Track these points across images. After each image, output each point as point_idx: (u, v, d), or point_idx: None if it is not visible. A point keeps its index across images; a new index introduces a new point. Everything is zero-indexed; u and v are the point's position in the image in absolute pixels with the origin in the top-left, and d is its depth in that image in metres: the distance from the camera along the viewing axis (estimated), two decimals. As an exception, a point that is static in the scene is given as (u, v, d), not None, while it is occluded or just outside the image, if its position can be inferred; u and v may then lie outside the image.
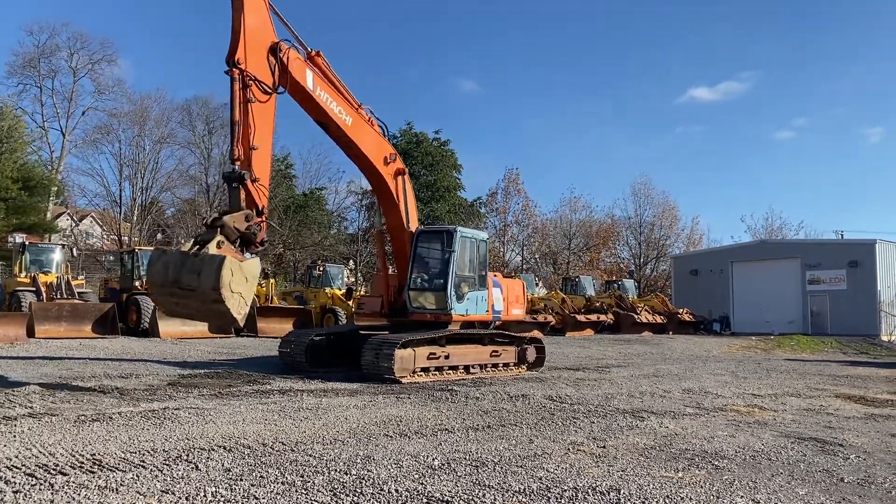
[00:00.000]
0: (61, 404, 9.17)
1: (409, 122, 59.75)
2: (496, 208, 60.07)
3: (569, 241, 60.42)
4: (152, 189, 51.77)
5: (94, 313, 21.41)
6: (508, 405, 10.13)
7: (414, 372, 12.53)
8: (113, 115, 51.22)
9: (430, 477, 5.87)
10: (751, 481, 6.08)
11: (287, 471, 5.92)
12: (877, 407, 11.35)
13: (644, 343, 27.03)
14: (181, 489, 5.28)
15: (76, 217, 57.90)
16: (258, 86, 10.61)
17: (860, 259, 35.63)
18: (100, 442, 6.85)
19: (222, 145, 52.74)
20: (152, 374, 12.66)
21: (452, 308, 13.35)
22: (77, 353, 16.32)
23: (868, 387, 14.39)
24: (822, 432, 8.72)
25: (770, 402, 11.51)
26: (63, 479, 5.44)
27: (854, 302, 35.01)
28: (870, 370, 18.83)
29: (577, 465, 6.44)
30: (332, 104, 12.46)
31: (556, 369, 15.89)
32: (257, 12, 10.81)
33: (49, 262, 24.93)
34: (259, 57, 10.76)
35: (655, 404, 10.70)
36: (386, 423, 8.33)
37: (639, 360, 19.65)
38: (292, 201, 53.20)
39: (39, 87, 50.04)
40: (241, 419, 8.36)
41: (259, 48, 10.79)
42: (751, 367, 18.41)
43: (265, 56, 10.92)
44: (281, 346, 14.30)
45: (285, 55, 11.23)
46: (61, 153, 49.93)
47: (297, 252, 50.96)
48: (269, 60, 10.98)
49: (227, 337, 22.50)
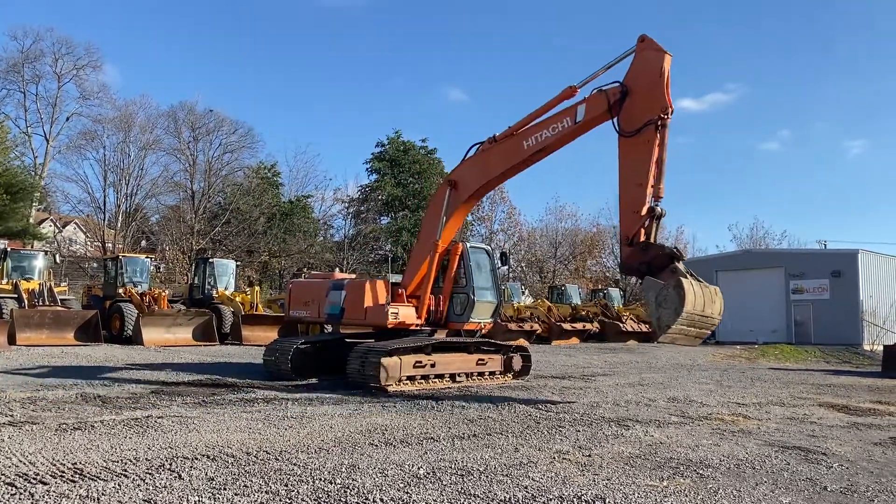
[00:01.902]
0: (42, 412, 9.06)
1: (397, 131, 59.87)
2: (482, 216, 60.18)
3: (555, 250, 60.60)
4: (137, 195, 51.42)
5: (77, 320, 21.21)
6: (494, 414, 10.12)
7: (400, 380, 12.48)
8: (97, 121, 50.89)
9: (415, 486, 5.85)
10: (735, 490, 6.11)
11: (271, 480, 5.87)
12: (859, 416, 11.43)
13: (629, 352, 27.12)
14: (164, 498, 5.23)
15: (59, 223, 57.37)
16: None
17: (843, 269, 35.93)
18: (81, 451, 6.77)
19: (207, 152, 52.67)
20: (135, 382, 12.55)
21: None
22: (59, 360, 16.14)
23: (851, 396, 14.49)
24: (805, 441, 8.77)
25: (754, 410, 11.57)
26: (44, 489, 5.38)
27: (837, 311, 35.28)
28: (853, 379, 18.98)
29: (562, 474, 6.44)
30: None
31: (541, 378, 15.90)
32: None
33: (31, 269, 24.69)
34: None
35: (641, 413, 10.73)
36: (371, 432, 8.29)
37: (624, 369, 19.70)
38: (278, 209, 53.02)
39: (23, 93, 49.67)
40: (225, 428, 8.30)
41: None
42: (735, 376, 18.51)
43: None
44: (266, 354, 14.22)
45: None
46: (45, 159, 49.50)
47: (283, 260, 50.75)
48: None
49: (211, 345, 22.34)
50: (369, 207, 58.22)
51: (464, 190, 13.51)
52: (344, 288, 14.22)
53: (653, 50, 11.15)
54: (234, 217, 49.90)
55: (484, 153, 13.18)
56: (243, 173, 54.99)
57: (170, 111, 53.68)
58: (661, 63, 11.00)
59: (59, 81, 50.56)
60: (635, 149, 10.96)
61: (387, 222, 58.55)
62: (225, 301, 26.04)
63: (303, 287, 15.46)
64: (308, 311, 14.88)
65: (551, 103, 12.24)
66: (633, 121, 11.03)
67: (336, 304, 14.18)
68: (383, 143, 59.11)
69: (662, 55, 11.06)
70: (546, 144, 12.27)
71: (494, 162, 13.00)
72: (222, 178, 53.34)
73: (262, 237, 50.40)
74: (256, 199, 51.51)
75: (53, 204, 54.48)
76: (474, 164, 13.34)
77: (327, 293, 14.44)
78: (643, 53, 11.23)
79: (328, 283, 14.70)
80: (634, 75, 11.29)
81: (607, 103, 11.36)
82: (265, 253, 50.45)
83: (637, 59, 11.29)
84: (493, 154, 12.99)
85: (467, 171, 13.50)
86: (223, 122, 53.64)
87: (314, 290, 14.89)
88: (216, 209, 51.89)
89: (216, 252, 44.69)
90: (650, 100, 10.96)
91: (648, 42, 11.25)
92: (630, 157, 11.05)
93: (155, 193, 52.63)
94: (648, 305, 10.86)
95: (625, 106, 11.17)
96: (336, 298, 14.23)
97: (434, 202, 14.29)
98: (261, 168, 56.92)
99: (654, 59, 11.08)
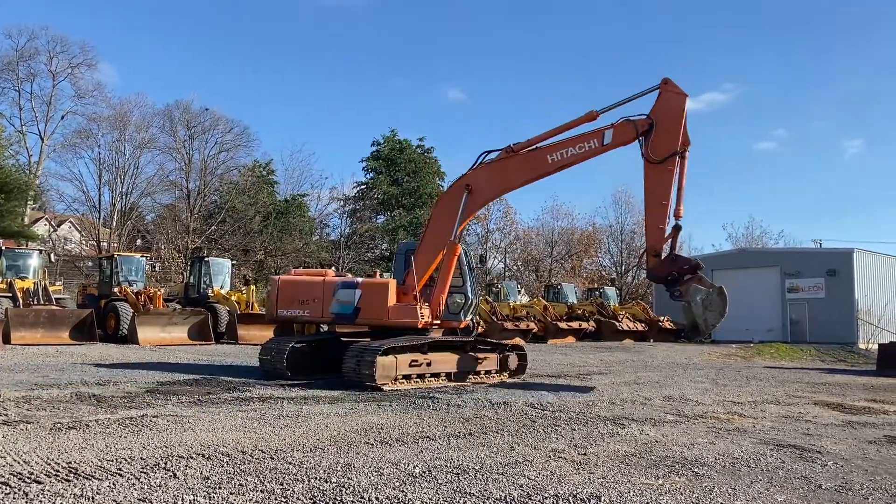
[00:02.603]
0: (37, 412, 9.03)
1: (393, 130, 59.80)
2: (477, 215, 60.10)
3: (551, 249, 60.65)
4: (132, 194, 51.24)
5: (72, 319, 21.16)
6: (490, 412, 10.12)
7: (395, 379, 12.48)
8: (92, 120, 50.68)
9: (410, 485, 5.84)
10: (730, 488, 6.12)
11: (266, 479, 5.86)
12: (854, 414, 11.47)
13: (625, 350, 27.15)
14: (159, 497, 5.21)
15: (54, 222, 57.19)
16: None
17: (838, 267, 36.05)
18: (76, 450, 6.75)
19: (203, 151, 52.58)
20: (130, 382, 12.51)
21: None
22: (54, 359, 16.10)
23: (846, 394, 14.54)
24: (800, 439, 8.79)
25: (750, 409, 11.59)
26: (38, 488, 5.36)
27: (832, 310, 35.39)
28: (847, 378, 19.04)
29: (558, 473, 6.44)
30: None
31: (537, 376, 15.91)
32: None
33: (26, 268, 24.62)
34: None
35: (636, 411, 10.74)
36: (367, 431, 8.29)
37: (620, 368, 19.72)
38: (273, 207, 52.94)
39: (18, 91, 49.50)
40: (221, 427, 8.28)
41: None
42: (731, 375, 18.55)
43: None
44: (261, 353, 14.19)
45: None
46: (40, 157, 49.33)
47: (279, 258, 50.65)
48: None
49: (206, 344, 22.31)
50: (365, 206, 58.19)
51: (479, 195, 14.10)
52: (358, 287, 13.88)
53: (674, 93, 12.93)
54: (230, 216, 49.82)
55: (503, 162, 13.74)
56: (238, 172, 54.93)
57: (165, 110, 53.59)
58: (683, 104, 12.92)
59: (53, 80, 50.44)
60: (661, 174, 12.75)
61: (383, 221, 58.53)
62: (220, 300, 26.02)
63: (295, 285, 14.42)
64: (305, 310, 14.12)
65: (572, 123, 13.48)
66: (658, 150, 12.75)
67: (349, 304, 13.77)
68: (379, 142, 59.08)
69: (683, 97, 12.92)
70: (570, 161, 13.44)
71: (516, 172, 13.85)
72: (218, 176, 53.29)
73: (258, 236, 50.30)
74: (252, 197, 51.45)
75: (48, 203, 54.30)
76: (493, 173, 13.90)
77: (334, 292, 13.90)
78: (666, 95, 12.94)
79: (335, 282, 14.13)
80: (659, 112, 12.94)
81: (635, 132, 12.95)
82: (261, 252, 50.39)
83: (661, 98, 12.97)
84: (514, 164, 13.71)
85: (485, 178, 13.94)
86: (219, 121, 53.60)
87: (312, 288, 14.20)
88: (212, 208, 51.82)
89: (212, 251, 44.60)
90: (674, 134, 12.73)
91: (671, 85, 12.95)
92: (656, 180, 12.83)
93: (150, 192, 52.53)
94: (693, 307, 12.54)
95: (652, 137, 12.81)
96: (348, 297, 13.79)
97: (448, 204, 14.22)
98: (256, 166, 56.84)
99: (676, 101, 12.91)
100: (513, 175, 13.90)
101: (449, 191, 14.06)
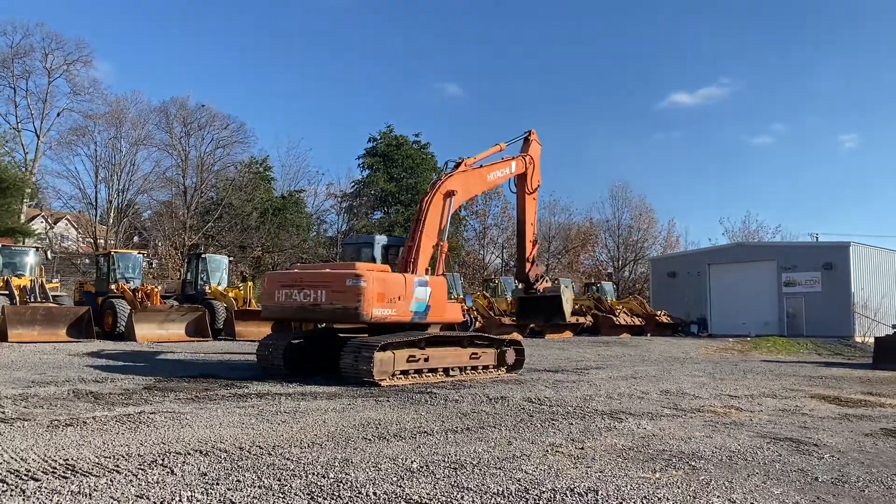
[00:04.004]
0: (34, 409, 9.02)
1: (389, 125, 59.61)
2: (476, 211, 60.14)
3: (548, 244, 60.61)
4: (129, 191, 51.15)
5: (69, 317, 21.11)
6: (487, 407, 10.13)
7: (393, 375, 12.48)
8: (88, 117, 50.52)
9: (408, 479, 5.85)
10: (727, 481, 6.13)
11: (264, 475, 5.87)
12: (851, 407, 11.50)
13: (622, 345, 27.18)
14: (156, 494, 5.21)
15: (51, 220, 57.07)
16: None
17: (835, 261, 36.10)
18: (73, 447, 6.75)
19: (199, 147, 52.49)
20: (128, 378, 12.50)
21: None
22: (51, 357, 16.08)
23: (842, 387, 14.58)
24: (797, 432, 8.81)
25: (746, 402, 11.62)
26: (35, 485, 5.35)
27: (829, 304, 35.46)
28: (844, 371, 19.09)
29: (555, 467, 6.45)
30: None
31: (535, 371, 15.93)
32: None
33: (23, 266, 24.53)
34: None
35: (633, 406, 10.76)
36: (365, 427, 8.29)
37: (617, 362, 19.76)
38: (270, 204, 52.86)
39: (13, 88, 49.27)
40: (218, 423, 8.28)
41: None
42: (728, 369, 18.58)
43: None
44: (259, 349, 14.18)
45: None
46: (35, 155, 49.17)
47: (276, 255, 50.59)
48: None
49: (204, 340, 22.28)
50: (362, 202, 58.09)
51: (460, 198, 15.62)
52: (428, 284, 13.56)
53: (537, 141, 17.18)
54: (227, 212, 49.74)
55: (468, 174, 15.56)
56: (235, 168, 54.83)
57: (161, 106, 53.48)
58: (540, 151, 17.32)
59: (49, 77, 50.20)
60: (532, 203, 17.23)
61: (380, 217, 58.45)
62: (218, 297, 25.98)
63: (385, 282, 12.97)
64: (395, 309, 12.93)
65: (489, 151, 16.40)
66: (533, 184, 17.01)
67: (423, 301, 13.42)
68: (375, 138, 58.96)
69: (540, 146, 17.30)
70: (499, 180, 16.99)
71: (475, 183, 16.30)
72: (214, 173, 53.19)
73: (255, 232, 50.23)
74: (249, 194, 51.36)
75: (45, 200, 54.14)
76: (465, 180, 15.54)
77: (413, 289, 13.26)
78: (534, 143, 17.09)
79: (413, 280, 13.39)
80: (532, 154, 16.95)
81: (524, 167, 16.73)
82: (258, 248, 50.31)
83: (532, 145, 17.05)
84: (473, 177, 15.88)
85: (461, 183, 15.28)
86: (215, 118, 53.48)
87: (398, 285, 13.12)
88: (208, 204, 51.73)
89: (209, 247, 44.55)
90: (539, 173, 17.24)
91: (535, 135, 17.11)
92: (529, 207, 17.12)
93: (147, 189, 52.45)
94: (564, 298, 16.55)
95: (529, 173, 16.84)
96: (423, 295, 13.38)
97: (433, 210, 14.37)
98: (252, 162, 56.73)
99: (538, 148, 17.21)
100: (474, 185, 16.30)
101: (436, 198, 14.35)
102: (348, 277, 12.66)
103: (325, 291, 12.74)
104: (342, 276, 12.81)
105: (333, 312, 12.80)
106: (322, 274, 13.36)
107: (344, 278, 12.68)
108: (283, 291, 13.28)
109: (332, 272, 13.28)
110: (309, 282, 13.06)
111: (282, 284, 13.48)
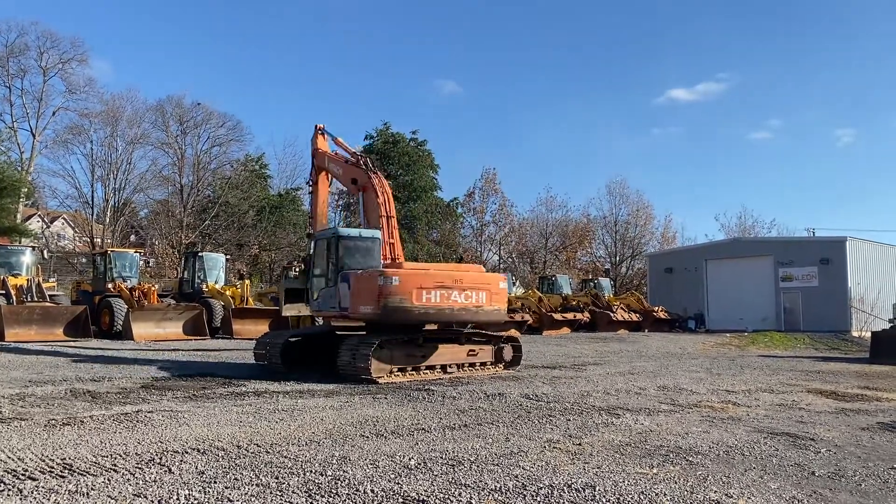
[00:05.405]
0: (31, 408, 9.02)
1: (386, 123, 59.53)
2: (473, 208, 60.12)
3: (545, 241, 60.64)
4: (125, 190, 51.00)
5: (66, 316, 21.06)
6: (485, 404, 10.14)
7: (391, 372, 12.48)
8: (84, 116, 50.30)
9: (406, 476, 5.85)
10: (724, 476, 6.15)
11: (262, 473, 5.87)
12: (847, 401, 11.53)
13: (620, 341, 27.21)
14: (154, 492, 5.21)
15: (47, 219, 56.91)
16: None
17: (831, 256, 36.12)
18: (71, 446, 6.74)
19: (195, 146, 52.34)
20: (125, 377, 12.49)
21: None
22: (48, 356, 16.05)
23: (839, 382, 14.61)
24: (794, 427, 8.83)
25: (743, 398, 11.64)
26: (32, 484, 5.35)
27: (825, 298, 35.48)
28: (841, 365, 19.14)
29: (553, 463, 6.46)
30: None
31: (532, 368, 15.94)
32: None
33: (19, 265, 24.44)
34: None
35: (631, 401, 10.78)
36: (362, 424, 8.30)
37: (615, 358, 19.78)
38: (267, 202, 52.79)
39: (8, 87, 49.05)
40: (216, 421, 8.28)
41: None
42: (725, 364, 18.62)
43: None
44: (256, 347, 14.19)
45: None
46: (31, 154, 49.01)
47: (273, 253, 50.56)
48: None
49: (201, 339, 22.25)
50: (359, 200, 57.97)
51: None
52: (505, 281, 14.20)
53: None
54: (224, 211, 49.67)
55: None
56: (231, 166, 54.74)
57: (157, 105, 53.23)
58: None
59: (44, 76, 49.96)
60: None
61: (377, 215, 58.27)
62: (215, 295, 25.93)
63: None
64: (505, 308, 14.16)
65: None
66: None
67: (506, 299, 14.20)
68: (372, 136, 58.89)
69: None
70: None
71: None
72: (211, 171, 53.08)
73: (252, 230, 50.18)
74: (245, 192, 51.29)
75: (41, 199, 53.95)
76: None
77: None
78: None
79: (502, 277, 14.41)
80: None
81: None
82: (255, 246, 50.26)
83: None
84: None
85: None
86: (211, 116, 53.28)
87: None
88: (205, 203, 51.62)
89: (205, 246, 44.48)
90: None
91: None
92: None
93: (143, 188, 52.28)
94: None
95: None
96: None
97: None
98: (248, 160, 56.62)
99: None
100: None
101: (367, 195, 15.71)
102: (500, 280, 13.89)
103: (486, 294, 13.36)
104: (496, 279, 13.89)
105: (490, 314, 13.51)
106: (481, 276, 13.88)
107: (497, 281, 13.76)
108: (437, 292, 12.88)
109: (486, 275, 14.05)
110: (469, 284, 13.29)
111: (437, 284, 12.95)
